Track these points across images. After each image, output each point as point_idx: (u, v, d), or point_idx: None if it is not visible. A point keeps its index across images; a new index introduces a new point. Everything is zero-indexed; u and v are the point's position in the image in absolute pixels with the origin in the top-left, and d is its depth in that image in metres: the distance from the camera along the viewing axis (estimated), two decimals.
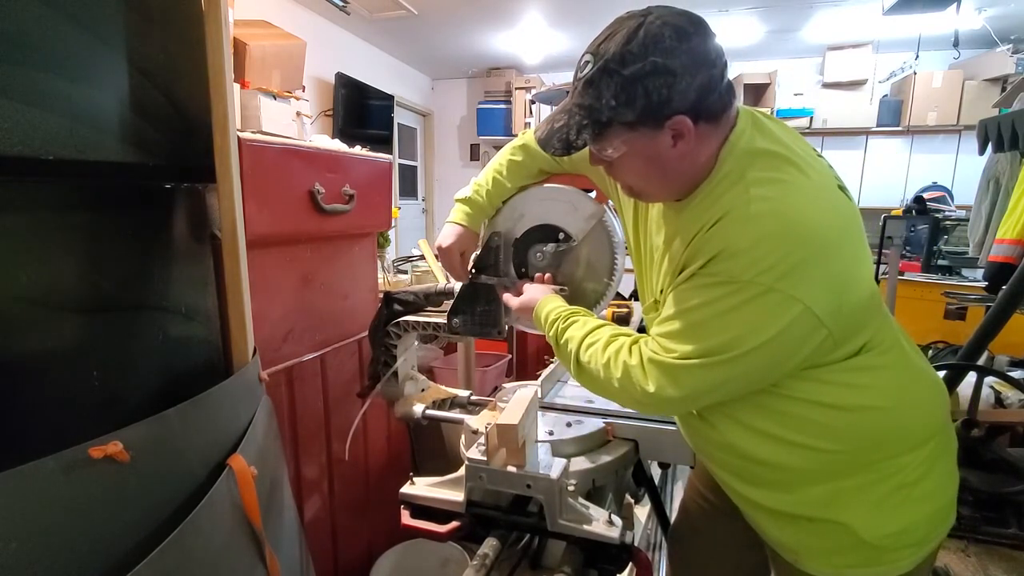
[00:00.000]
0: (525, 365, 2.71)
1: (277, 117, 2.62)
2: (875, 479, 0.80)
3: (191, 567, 0.67)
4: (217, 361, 0.93)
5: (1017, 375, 2.54)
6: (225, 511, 0.76)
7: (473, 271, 1.16)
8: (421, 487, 1.11)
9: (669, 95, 0.71)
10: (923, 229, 3.95)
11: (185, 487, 0.72)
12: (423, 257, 2.70)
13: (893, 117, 4.87)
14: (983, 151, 2.37)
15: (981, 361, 2.34)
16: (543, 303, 1.00)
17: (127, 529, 0.63)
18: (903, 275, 3.40)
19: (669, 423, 1.16)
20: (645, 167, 0.80)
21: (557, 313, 0.95)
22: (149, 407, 0.70)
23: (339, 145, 1.61)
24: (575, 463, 1.09)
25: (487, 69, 5.89)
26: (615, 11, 0.78)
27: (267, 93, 2.62)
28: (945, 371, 2.21)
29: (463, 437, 1.23)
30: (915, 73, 4.66)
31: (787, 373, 0.77)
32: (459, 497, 1.06)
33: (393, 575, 1.68)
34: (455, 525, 1.06)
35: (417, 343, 1.43)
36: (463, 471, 1.04)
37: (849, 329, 0.76)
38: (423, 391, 1.43)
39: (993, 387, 2.47)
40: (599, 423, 1.19)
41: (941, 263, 3.76)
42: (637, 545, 0.99)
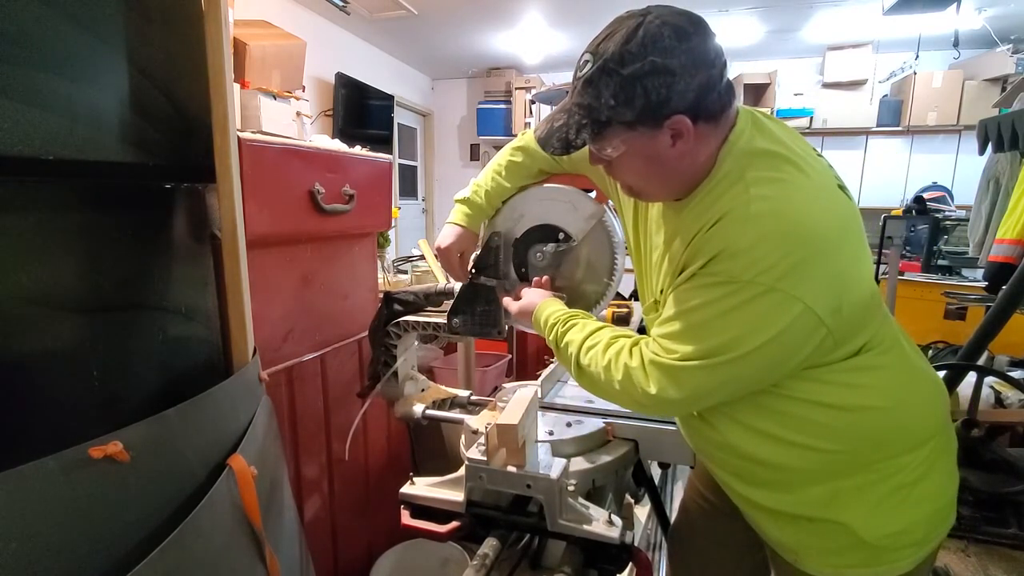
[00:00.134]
0: (525, 365, 2.71)
1: (277, 117, 2.62)
2: (875, 479, 0.80)
3: (191, 567, 0.67)
4: (217, 361, 0.93)
5: (1017, 375, 2.54)
6: (225, 511, 0.75)
7: (473, 271, 1.16)
8: (421, 487, 1.11)
9: (668, 95, 0.71)
10: (923, 229, 3.95)
11: (185, 487, 0.72)
12: (423, 257, 2.70)
13: (893, 117, 4.87)
14: (983, 151, 2.37)
15: (981, 361, 2.34)
16: (542, 307, 1.00)
17: (127, 529, 0.63)
18: (903, 275, 3.40)
19: (669, 423, 1.16)
20: (644, 166, 0.80)
21: (556, 317, 0.95)
22: (149, 407, 0.70)
23: (339, 145, 1.61)
24: (575, 463, 1.09)
25: (487, 69, 5.89)
26: (615, 11, 0.78)
27: (267, 93, 2.62)
28: (945, 371, 2.22)
29: (463, 437, 1.23)
30: (915, 73, 4.66)
31: (788, 373, 0.77)
32: (459, 497, 1.06)
33: (393, 575, 1.68)
34: (455, 525, 1.06)
35: (417, 343, 1.43)
36: (463, 471, 1.04)
37: (849, 329, 0.76)
38: (423, 391, 1.43)
39: (993, 387, 2.47)
40: (599, 423, 1.19)
41: (941, 263, 3.76)
42: (637, 545, 0.99)
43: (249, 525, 0.79)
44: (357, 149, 1.61)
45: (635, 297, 2.91)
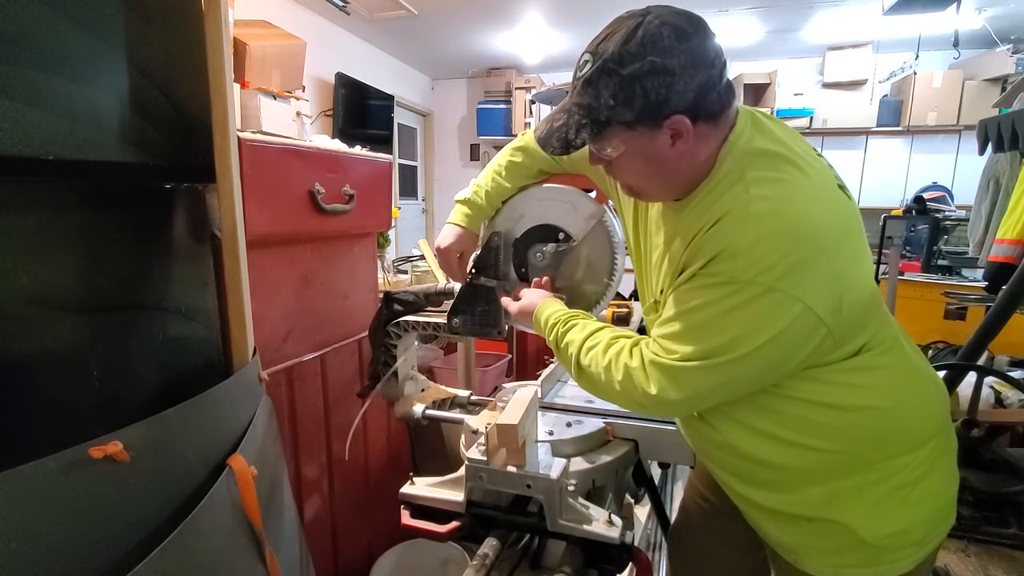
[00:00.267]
0: (525, 365, 2.71)
1: (277, 117, 2.62)
2: (875, 479, 0.80)
3: (191, 567, 0.67)
4: (217, 361, 0.93)
5: (1017, 375, 2.54)
6: (225, 511, 0.76)
7: (473, 271, 1.16)
8: (421, 487, 1.11)
9: (667, 95, 0.71)
10: (923, 229, 3.95)
11: (185, 487, 0.72)
12: (423, 257, 2.70)
13: (893, 117, 4.87)
14: (983, 151, 2.37)
15: (981, 361, 2.34)
16: (542, 307, 1.00)
17: (127, 529, 0.63)
18: (903, 275, 3.40)
19: (669, 423, 1.16)
20: (644, 166, 0.80)
21: (556, 317, 0.95)
22: (149, 407, 0.70)
23: (339, 145, 1.61)
24: (575, 463, 1.09)
25: (487, 69, 5.89)
26: (615, 11, 0.78)
27: (267, 93, 2.61)
28: (945, 371, 2.22)
29: (463, 437, 1.23)
30: (915, 73, 4.66)
31: (788, 373, 0.77)
32: (459, 497, 1.06)
33: (393, 575, 1.68)
34: (455, 525, 1.06)
35: (417, 343, 1.43)
36: (463, 471, 1.04)
37: (849, 328, 0.76)
38: (423, 391, 1.43)
39: (993, 387, 2.47)
40: (599, 423, 1.19)
41: (941, 263, 3.76)
42: (637, 545, 0.99)
43: (249, 525, 0.79)
44: (357, 149, 1.61)
45: (635, 297, 2.91)
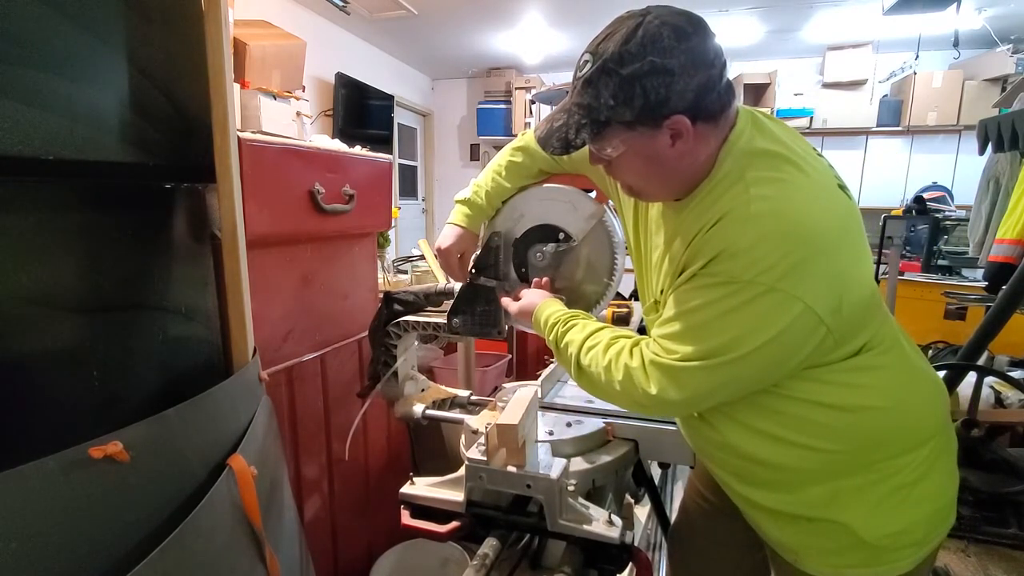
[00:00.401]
0: (525, 365, 2.71)
1: (277, 117, 2.62)
2: (875, 479, 0.80)
3: (191, 567, 0.67)
4: (217, 361, 0.93)
5: (1017, 375, 2.54)
6: (225, 511, 0.75)
7: (473, 271, 1.16)
8: (421, 487, 1.11)
9: (667, 95, 0.71)
10: (923, 229, 3.95)
11: (185, 487, 0.72)
12: (423, 257, 2.70)
13: (893, 117, 4.86)
14: (983, 151, 2.37)
15: (981, 361, 2.34)
16: (542, 307, 1.00)
17: (127, 529, 0.63)
18: (903, 275, 3.40)
19: (669, 423, 1.16)
20: (644, 166, 0.80)
21: (556, 317, 0.95)
22: (149, 407, 0.70)
23: (339, 145, 1.61)
24: (575, 463, 1.09)
25: (487, 69, 5.89)
26: (615, 11, 0.78)
27: (267, 93, 2.61)
28: (945, 371, 2.22)
29: (463, 437, 1.23)
30: (915, 73, 4.66)
31: (788, 373, 0.77)
32: (459, 497, 1.06)
33: (393, 575, 1.68)
34: (455, 525, 1.06)
35: (417, 343, 1.43)
36: (463, 471, 1.04)
37: (850, 328, 0.76)
38: (423, 391, 1.43)
39: (993, 387, 2.47)
40: (599, 423, 1.19)
41: (941, 263, 3.76)
42: (637, 545, 0.99)
43: (249, 525, 0.79)
44: (357, 149, 1.61)
45: (635, 297, 2.91)
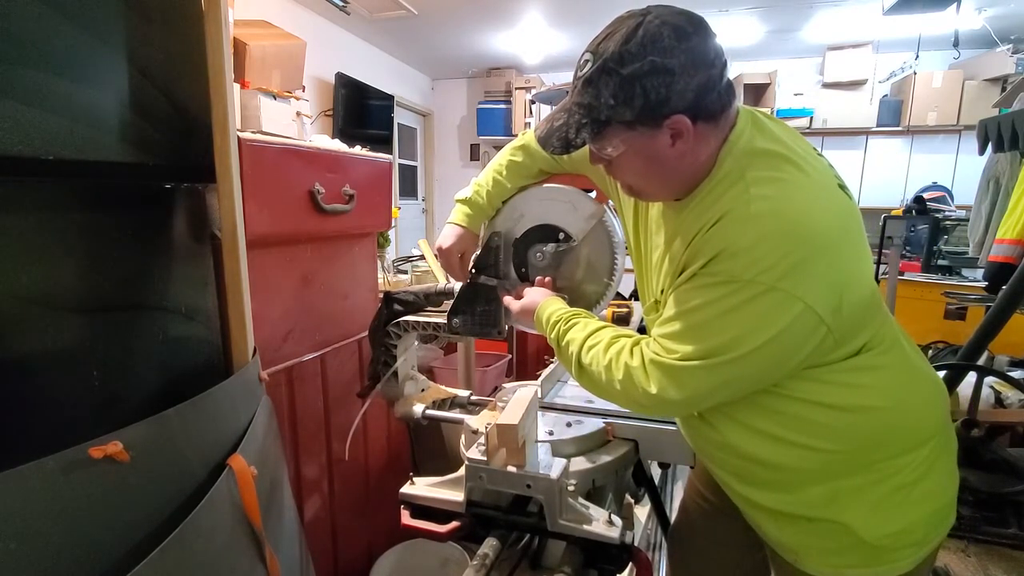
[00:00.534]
0: (525, 365, 2.71)
1: (277, 117, 2.62)
2: (875, 479, 0.80)
3: (191, 567, 0.67)
4: (217, 361, 0.93)
5: (1017, 375, 2.54)
6: (225, 511, 0.75)
7: (473, 271, 1.16)
8: (421, 487, 1.11)
9: (667, 94, 0.71)
10: (923, 229, 3.95)
11: (185, 487, 0.72)
12: (423, 257, 2.70)
13: (893, 117, 4.86)
14: (983, 151, 2.37)
15: (981, 361, 2.34)
16: (544, 305, 1.00)
17: (127, 529, 0.63)
18: (903, 275, 3.40)
19: (669, 423, 1.16)
20: (644, 166, 0.80)
21: (558, 315, 0.95)
22: (149, 407, 0.70)
23: (339, 145, 1.61)
24: (575, 463, 1.09)
25: (487, 69, 5.89)
26: (615, 11, 0.78)
27: (267, 93, 2.61)
28: (945, 371, 2.22)
29: (463, 437, 1.23)
30: (915, 73, 4.66)
31: (788, 373, 0.77)
32: (459, 497, 1.06)
33: (393, 575, 1.68)
34: (455, 525, 1.06)
35: (417, 343, 1.43)
36: (463, 471, 1.04)
37: (850, 328, 0.76)
38: (423, 391, 1.43)
39: (993, 387, 2.47)
40: (599, 423, 1.19)
41: (941, 263, 3.76)
42: (637, 545, 0.99)
43: (249, 525, 0.79)
44: (357, 149, 1.61)
45: (635, 297, 2.91)
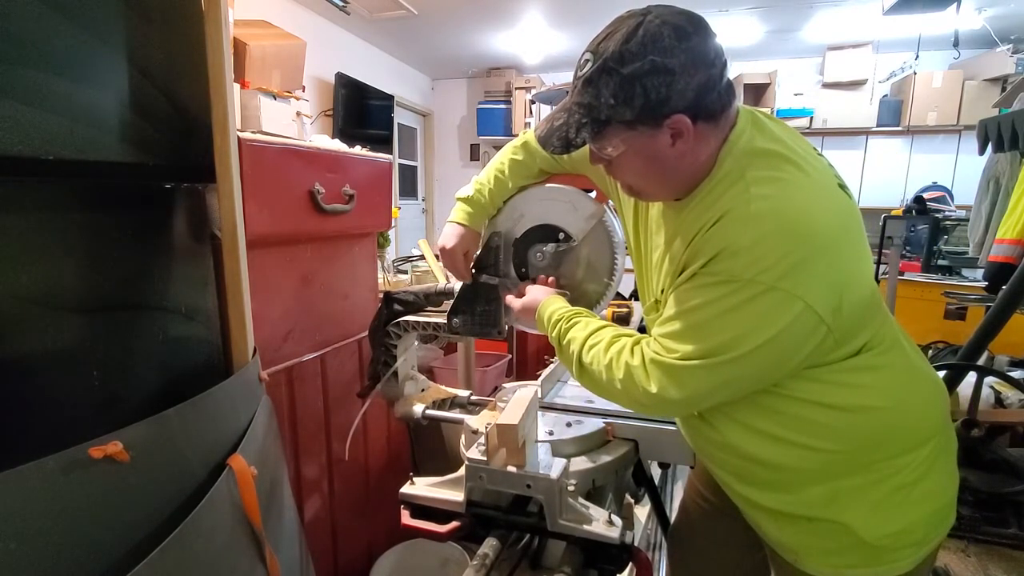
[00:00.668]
0: (525, 365, 2.71)
1: (277, 117, 2.62)
2: (875, 479, 0.80)
3: (191, 567, 0.67)
4: (217, 361, 0.93)
5: (1017, 375, 2.54)
6: (225, 511, 0.75)
7: (473, 271, 1.16)
8: (421, 487, 1.11)
9: (667, 94, 0.71)
10: (923, 229, 3.96)
11: (185, 487, 0.72)
12: (423, 257, 2.70)
13: (893, 117, 4.86)
14: (983, 151, 2.37)
15: (981, 361, 2.34)
16: (545, 304, 1.00)
17: (127, 529, 0.63)
18: (903, 275, 3.40)
19: (669, 423, 1.16)
20: (644, 166, 0.80)
21: (560, 314, 0.95)
22: (149, 407, 0.70)
23: (339, 145, 1.61)
24: (575, 463, 1.09)
25: (487, 69, 5.89)
26: (615, 11, 0.78)
27: (267, 93, 2.61)
28: (945, 371, 2.22)
29: (463, 437, 1.23)
30: (915, 73, 4.66)
31: (788, 373, 0.77)
32: (459, 497, 1.06)
33: (393, 575, 1.68)
34: (455, 525, 1.06)
35: (417, 343, 1.43)
36: (463, 471, 1.04)
37: (850, 328, 0.76)
38: (423, 391, 1.43)
39: (993, 387, 2.47)
40: (599, 423, 1.19)
41: (941, 263, 3.76)
42: (637, 545, 0.99)
43: (249, 525, 0.79)
44: (357, 149, 1.61)
45: (635, 297, 2.91)
